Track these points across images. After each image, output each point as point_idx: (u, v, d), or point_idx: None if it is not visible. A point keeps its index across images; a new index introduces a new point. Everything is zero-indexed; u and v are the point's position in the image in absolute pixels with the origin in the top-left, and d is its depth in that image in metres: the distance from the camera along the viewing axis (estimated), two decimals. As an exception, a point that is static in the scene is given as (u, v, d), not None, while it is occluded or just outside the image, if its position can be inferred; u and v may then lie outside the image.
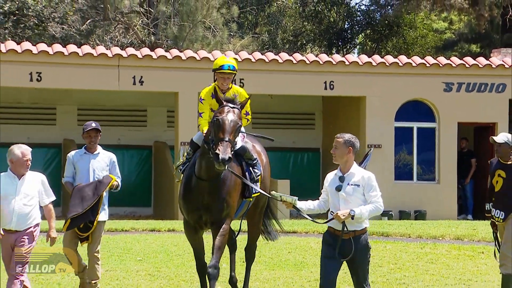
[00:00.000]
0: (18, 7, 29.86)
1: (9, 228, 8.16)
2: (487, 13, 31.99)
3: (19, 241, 8.16)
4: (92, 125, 9.32)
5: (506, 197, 9.69)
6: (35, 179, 8.35)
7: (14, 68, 18.79)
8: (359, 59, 20.86)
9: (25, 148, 8.27)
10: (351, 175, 7.11)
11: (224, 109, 8.03)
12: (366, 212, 6.96)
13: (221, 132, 7.87)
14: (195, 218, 8.55)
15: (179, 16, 31.33)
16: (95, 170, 9.22)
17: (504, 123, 20.92)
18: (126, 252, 13.15)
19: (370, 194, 7.04)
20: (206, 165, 8.25)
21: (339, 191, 7.06)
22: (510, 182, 9.68)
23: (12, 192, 8.17)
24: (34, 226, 8.24)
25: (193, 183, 8.41)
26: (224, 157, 7.68)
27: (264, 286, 10.48)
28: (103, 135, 23.09)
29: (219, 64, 8.73)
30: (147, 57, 19.52)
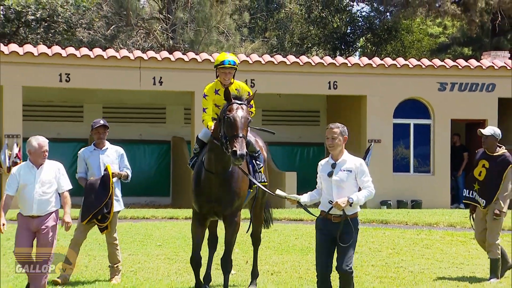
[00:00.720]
0: (49, 14, 29.92)
1: (31, 214, 8.05)
2: (478, 18, 31.90)
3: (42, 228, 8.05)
4: (100, 122, 9.28)
5: (488, 187, 9.72)
6: (52, 167, 8.23)
7: (45, 70, 18.83)
8: (360, 61, 20.81)
9: (42, 139, 8.16)
10: (343, 162, 7.00)
11: (233, 106, 7.74)
12: (362, 198, 6.88)
13: (234, 129, 7.58)
14: (207, 211, 8.26)
15: (195, 22, 31.32)
16: (106, 164, 9.13)
17: (493, 119, 20.83)
18: (147, 238, 13.19)
19: (362, 179, 6.95)
20: (215, 159, 7.98)
21: (331, 177, 6.95)
22: (493, 173, 9.74)
23: (32, 180, 8.06)
24: (54, 212, 8.14)
25: (204, 177, 8.11)
26: (242, 153, 7.44)
27: (273, 269, 10.47)
28: (126, 130, 23.29)
29: (220, 60, 8.45)
30: (166, 60, 19.52)
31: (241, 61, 19.68)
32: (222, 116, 7.79)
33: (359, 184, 6.95)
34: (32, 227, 8.06)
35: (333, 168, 6.97)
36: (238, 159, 7.46)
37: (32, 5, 29.31)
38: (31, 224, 8.05)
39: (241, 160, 7.51)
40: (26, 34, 30.14)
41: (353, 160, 7.04)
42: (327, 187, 7.00)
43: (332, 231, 6.94)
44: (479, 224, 9.96)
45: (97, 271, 10.01)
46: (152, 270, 10.29)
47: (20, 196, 8.11)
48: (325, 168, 7.07)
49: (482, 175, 9.77)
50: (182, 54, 20.49)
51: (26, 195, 8.04)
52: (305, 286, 9.28)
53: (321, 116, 22.98)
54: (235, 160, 7.50)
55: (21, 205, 8.14)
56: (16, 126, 18.57)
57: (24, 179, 8.06)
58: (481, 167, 9.86)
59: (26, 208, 8.05)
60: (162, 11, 32.32)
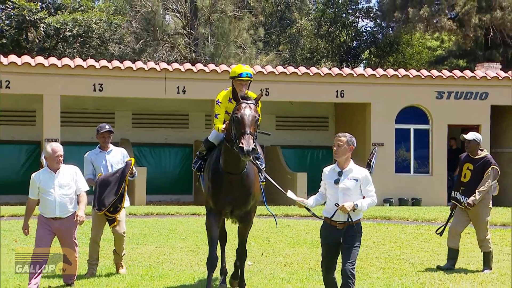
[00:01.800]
0: (84, 30, 30.08)
1: (54, 216, 7.90)
2: (472, 33, 31.79)
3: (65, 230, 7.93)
4: (106, 128, 9.02)
5: (472, 187, 9.70)
6: (69, 171, 8.05)
7: (81, 80, 18.91)
8: (365, 71, 20.77)
9: (55, 145, 8.01)
10: (350, 170, 6.72)
11: (241, 105, 7.36)
12: (365, 205, 6.63)
13: (241, 127, 7.19)
14: (225, 211, 7.87)
15: (215, 37, 31.38)
16: (112, 164, 8.91)
17: (486, 124, 20.79)
18: (172, 232, 13.20)
19: (367, 188, 6.69)
20: (231, 160, 7.55)
21: (337, 184, 6.66)
22: (476, 174, 9.77)
23: (51, 185, 7.89)
24: (74, 212, 7.99)
25: (221, 177, 7.68)
26: (248, 149, 7.01)
27: (286, 260, 10.44)
28: (153, 135, 23.35)
29: (237, 72, 7.97)
30: (188, 71, 19.56)
31: (256, 72, 19.73)
32: (232, 116, 7.48)
33: (363, 193, 6.71)
34: (53, 228, 7.93)
35: (340, 176, 6.70)
36: (245, 155, 7.06)
37: (69, 23, 29.48)
38: (53, 225, 7.92)
39: (248, 156, 7.10)
40: (64, 49, 30.31)
41: (359, 169, 6.78)
42: (332, 194, 6.73)
43: (336, 238, 6.69)
44: (460, 218, 9.94)
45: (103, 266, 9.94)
46: (177, 261, 10.29)
47: (42, 200, 7.96)
48: (331, 175, 6.78)
49: (467, 177, 9.80)
50: (203, 65, 20.51)
51: (47, 198, 7.89)
52: (315, 276, 9.23)
53: (330, 122, 22.94)
54: (243, 156, 7.11)
55: (43, 209, 7.98)
56: (55, 131, 18.65)
57: (43, 184, 7.90)
58: (466, 170, 9.91)
59: (49, 211, 7.91)
60: (185, 27, 32.39)
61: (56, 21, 29.30)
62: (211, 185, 7.80)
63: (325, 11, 37.31)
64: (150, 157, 21.62)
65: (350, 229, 6.65)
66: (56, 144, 8.02)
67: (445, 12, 31.88)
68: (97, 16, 30.22)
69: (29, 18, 29.23)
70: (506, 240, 12.86)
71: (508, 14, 30.97)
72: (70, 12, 30.43)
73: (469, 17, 31.04)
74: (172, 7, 33.48)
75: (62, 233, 7.96)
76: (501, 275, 9.47)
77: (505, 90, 20.88)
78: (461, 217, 9.90)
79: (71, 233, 7.99)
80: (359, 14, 38.45)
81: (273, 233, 13.17)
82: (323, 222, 6.86)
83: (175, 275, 9.14)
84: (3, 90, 18.54)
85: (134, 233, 12.87)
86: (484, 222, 9.82)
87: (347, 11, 37.86)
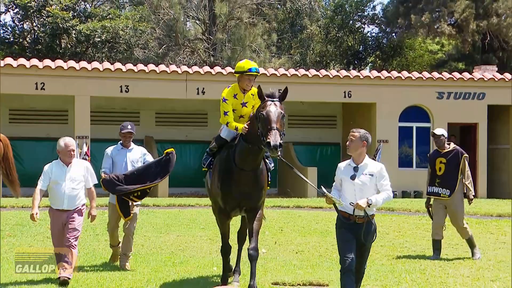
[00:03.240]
0: (112, 36, 30.19)
1: (61, 208, 7.60)
2: (470, 38, 31.63)
3: (70, 218, 7.59)
4: (128, 128, 8.71)
5: (448, 178, 9.66)
6: (80, 166, 7.77)
7: (109, 82, 18.99)
8: (370, 74, 20.70)
9: (68, 140, 7.68)
10: (365, 166, 6.27)
11: (267, 103, 6.84)
12: (380, 200, 6.20)
13: (268, 123, 6.67)
14: (233, 206, 7.28)
15: (232, 42, 31.37)
16: (133, 161, 8.61)
17: (483, 123, 20.68)
18: (192, 222, 13.22)
19: (382, 183, 6.25)
20: (248, 158, 7.05)
21: (354, 180, 6.22)
22: (450, 166, 9.76)
23: (62, 177, 7.59)
24: (82, 205, 7.71)
25: (235, 174, 7.11)
26: (275, 144, 6.48)
27: (298, 248, 10.43)
28: (175, 132, 23.36)
29: (246, 67, 7.37)
30: (207, 73, 19.58)
31: (270, 74, 19.73)
32: (257, 114, 6.90)
33: (378, 187, 6.28)
34: (62, 219, 7.62)
35: (355, 171, 6.25)
36: (272, 150, 6.52)
37: (98, 30, 29.61)
38: (61, 217, 7.62)
39: (276, 151, 6.52)
40: (93, 53, 30.43)
41: (375, 164, 6.35)
42: (349, 189, 6.27)
43: (355, 231, 6.24)
44: (440, 212, 9.87)
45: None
46: (197, 249, 10.31)
47: (52, 192, 7.67)
48: (346, 171, 6.32)
49: (442, 170, 9.75)
50: (221, 68, 20.52)
51: (57, 191, 7.60)
52: (325, 263, 9.22)
53: (338, 120, 22.86)
54: (271, 152, 6.57)
55: (52, 200, 7.69)
56: (85, 129, 18.74)
57: (55, 176, 7.61)
58: (439, 164, 9.86)
59: (58, 202, 7.63)
60: (204, 33, 32.40)
61: (87, 28, 29.45)
62: (223, 181, 7.24)
63: (334, 18, 37.19)
64: (172, 153, 21.64)
65: (369, 225, 6.28)
66: (69, 139, 7.71)
67: (445, 18, 31.72)
68: (124, 23, 30.33)
69: (62, 25, 29.41)
70: (502, 230, 12.79)
71: (503, 20, 30.80)
72: (99, 20, 30.56)
73: (467, 23, 30.86)
74: (192, 15, 33.50)
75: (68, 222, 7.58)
76: (497, 262, 9.43)
77: (501, 91, 20.77)
78: (440, 211, 9.85)
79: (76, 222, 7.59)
80: (365, 20, 38.30)
81: (285, 223, 13.16)
82: (338, 218, 6.38)
83: (195, 261, 9.16)
84: (38, 91, 18.67)
85: (157, 223, 12.90)
86: (461, 211, 9.83)
87: (353, 18, 37.71)
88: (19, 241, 10.50)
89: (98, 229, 11.59)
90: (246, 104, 7.52)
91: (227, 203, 7.28)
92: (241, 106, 7.51)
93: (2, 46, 31.95)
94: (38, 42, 31.00)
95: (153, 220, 13.22)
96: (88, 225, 12.14)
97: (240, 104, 7.49)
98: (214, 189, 7.39)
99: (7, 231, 11.50)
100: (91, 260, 9.13)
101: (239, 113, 7.57)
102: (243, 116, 7.56)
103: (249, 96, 7.50)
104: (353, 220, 6.23)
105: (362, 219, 6.22)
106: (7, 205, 14.44)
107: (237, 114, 7.55)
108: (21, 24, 32.14)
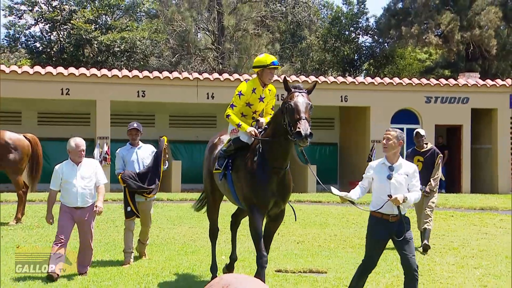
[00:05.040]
0: (130, 46, 30.27)
1: (75, 206, 7.21)
2: (455, 48, 31.56)
3: (84, 217, 7.21)
4: (133, 125, 8.30)
5: (425, 176, 9.63)
6: (90, 165, 7.35)
7: (126, 88, 18.99)
8: (365, 80, 20.63)
9: (79, 140, 7.29)
10: (400, 166, 5.77)
11: (294, 94, 6.18)
12: (412, 199, 5.75)
13: (296, 113, 5.96)
14: (269, 206, 6.40)
15: (239, 51, 31.36)
16: (143, 159, 8.19)
17: (467, 125, 20.63)
18: (203, 215, 13.02)
19: (413, 183, 5.79)
20: (281, 154, 6.26)
21: (390, 179, 5.70)
22: (428, 164, 9.77)
23: (73, 177, 7.20)
24: (93, 203, 7.30)
25: (268, 173, 6.25)
26: (306, 133, 5.72)
27: (298, 239, 10.41)
28: (186, 133, 23.30)
29: (268, 61, 6.66)
30: (216, 80, 19.55)
31: (273, 80, 19.65)
32: (284, 106, 6.19)
33: (409, 187, 5.81)
34: (75, 216, 7.24)
35: (391, 171, 5.73)
36: (303, 139, 5.72)
37: (117, 40, 29.70)
38: (74, 214, 7.23)
39: (307, 141, 5.74)
40: (113, 62, 30.49)
41: (409, 164, 5.89)
42: (382, 189, 5.72)
43: (389, 232, 5.77)
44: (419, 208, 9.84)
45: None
46: (207, 239, 10.24)
47: (64, 190, 7.25)
48: (381, 170, 5.79)
49: (419, 167, 9.69)
50: (229, 75, 20.48)
51: (69, 189, 7.20)
52: (323, 252, 9.20)
53: (335, 122, 22.79)
54: (300, 141, 5.75)
55: (65, 198, 7.27)
56: (106, 130, 18.75)
57: (66, 176, 7.21)
58: (417, 162, 9.85)
59: (71, 201, 7.21)
60: (214, 43, 32.40)
61: (107, 39, 29.53)
62: (256, 181, 6.31)
63: (331, 29, 37.14)
64: (184, 152, 21.65)
65: (406, 224, 5.77)
66: (80, 140, 7.32)
67: (432, 30, 31.66)
68: (141, 34, 30.40)
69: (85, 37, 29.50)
70: (484, 222, 12.75)
71: (485, 31, 30.74)
72: (118, 31, 30.64)
73: (452, 34, 30.79)
74: (203, 26, 33.50)
75: (82, 221, 7.29)
76: (480, 251, 9.41)
77: (483, 96, 20.70)
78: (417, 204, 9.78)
79: (90, 222, 7.31)
80: (360, 31, 38.23)
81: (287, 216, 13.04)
82: (370, 218, 5.87)
83: (205, 251, 9.15)
84: (64, 96, 18.69)
85: (171, 216, 12.89)
86: (432, 204, 9.75)
87: (349, 29, 37.67)
88: (46, 232, 10.48)
89: (118, 221, 11.59)
90: (263, 99, 6.84)
91: (264, 202, 6.35)
92: (258, 100, 6.82)
93: (32, 55, 32.09)
94: (63, 52, 31.11)
95: (167, 213, 13.23)
96: (108, 218, 12.18)
97: (258, 98, 6.80)
98: (247, 191, 6.38)
99: (35, 223, 11.59)
100: (111, 249, 9.13)
101: (255, 108, 6.85)
102: (256, 111, 6.87)
103: (267, 91, 6.88)
104: (386, 219, 5.76)
105: (395, 218, 5.74)
106: (36, 199, 14.47)
107: (251, 109, 6.84)
108: (48, 36, 32.27)
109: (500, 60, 33.06)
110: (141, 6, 33.87)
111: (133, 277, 7.34)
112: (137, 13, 34.20)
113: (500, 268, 8.32)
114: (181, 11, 31.12)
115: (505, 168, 20.56)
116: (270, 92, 6.90)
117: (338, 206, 14.37)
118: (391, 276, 7.67)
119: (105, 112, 18.84)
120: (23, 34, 32.72)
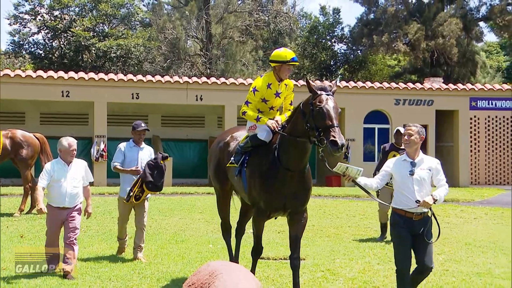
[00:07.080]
0: (125, 52, 30.07)
1: (62, 206, 6.54)
2: (421, 55, 31.77)
3: (70, 216, 6.56)
4: (142, 126, 7.80)
5: None
6: (80, 165, 6.68)
7: (122, 90, 18.84)
8: (340, 84, 20.66)
9: (71, 140, 6.62)
10: (421, 161, 5.22)
11: (322, 97, 5.36)
12: (442, 196, 5.13)
13: (328, 120, 5.15)
14: (276, 208, 5.66)
15: (225, 57, 31.27)
16: (142, 159, 7.68)
17: (432, 124, 20.76)
18: (192, 207, 13.16)
19: (438, 178, 5.20)
20: (297, 157, 5.47)
21: (412, 175, 5.13)
22: None
23: (63, 176, 6.53)
24: (80, 203, 6.68)
25: (280, 174, 5.50)
26: (342, 142, 5.00)
27: (279, 229, 10.35)
28: (177, 132, 23.16)
29: (289, 56, 5.80)
30: (204, 83, 19.48)
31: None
32: (310, 108, 5.36)
33: (434, 183, 5.22)
34: (62, 217, 6.57)
35: (413, 166, 5.16)
36: (338, 149, 4.98)
37: (114, 47, 29.49)
38: (61, 214, 6.56)
39: (341, 150, 5.02)
40: (109, 66, 30.26)
41: (431, 159, 5.31)
42: (405, 185, 5.14)
43: (414, 229, 5.13)
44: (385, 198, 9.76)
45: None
46: (195, 229, 10.26)
47: (52, 190, 6.55)
48: (402, 167, 5.21)
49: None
50: (216, 79, 20.42)
51: (58, 189, 6.51)
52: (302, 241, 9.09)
53: (312, 122, 22.84)
54: (335, 151, 4.99)
55: (52, 198, 6.58)
56: (103, 129, 18.60)
57: (57, 175, 6.52)
58: (392, 157, 9.73)
59: (58, 200, 6.53)
60: (202, 49, 32.28)
61: (104, 45, 29.31)
62: (264, 181, 5.60)
63: (309, 37, 37.21)
64: (175, 149, 21.56)
65: (427, 221, 5.15)
66: (72, 139, 6.64)
67: (401, 38, 31.86)
68: (135, 41, 30.22)
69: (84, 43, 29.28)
70: (447, 212, 12.83)
71: (448, 41, 31.02)
72: (114, 39, 30.42)
73: (419, 42, 31.01)
74: (192, 34, 33.35)
75: (67, 220, 6.59)
76: (443, 239, 9.44)
77: (446, 98, 20.87)
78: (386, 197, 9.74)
79: (75, 220, 6.60)
80: (335, 39, 38.35)
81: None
82: (393, 215, 5.26)
83: (194, 240, 9.11)
84: (64, 98, 18.52)
85: (162, 208, 12.83)
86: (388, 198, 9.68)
87: (326, 37, 37.76)
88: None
89: (114, 212, 11.50)
90: (280, 95, 6.00)
91: (271, 203, 5.62)
92: (274, 96, 5.96)
93: (35, 61, 31.79)
94: (64, 57, 30.82)
95: (159, 205, 13.16)
96: (105, 210, 12.08)
97: (274, 94, 5.95)
98: (254, 190, 5.69)
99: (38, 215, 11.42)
100: (107, 239, 9.05)
101: (271, 104, 6.00)
102: (273, 107, 6.03)
103: (283, 86, 6.02)
104: (410, 217, 5.14)
105: (420, 216, 5.13)
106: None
107: (268, 105, 5.99)
108: (50, 42, 31.97)
109: (461, 67, 33.35)
110: (136, 15, 33.66)
111: (128, 264, 7.28)
112: (132, 22, 33.97)
113: (460, 254, 8.39)
114: (172, 20, 30.97)
115: (465, 163, 20.78)
116: (286, 87, 6.04)
117: (315, 199, 14.37)
118: (363, 262, 7.68)
119: (102, 113, 18.69)
120: (27, 41, 32.41)
